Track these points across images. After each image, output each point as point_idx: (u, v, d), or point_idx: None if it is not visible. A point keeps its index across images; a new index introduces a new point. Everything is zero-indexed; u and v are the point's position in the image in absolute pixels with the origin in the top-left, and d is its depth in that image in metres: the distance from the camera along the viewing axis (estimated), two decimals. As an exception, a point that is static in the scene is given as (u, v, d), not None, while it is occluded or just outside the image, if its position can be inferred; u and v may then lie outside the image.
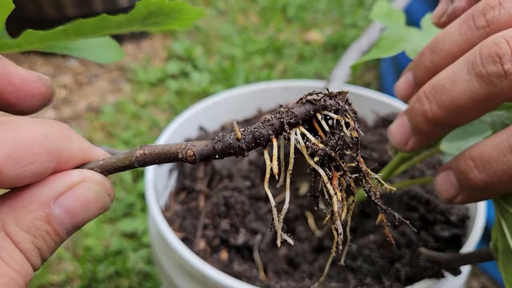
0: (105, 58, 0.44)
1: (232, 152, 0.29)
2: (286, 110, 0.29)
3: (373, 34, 0.83)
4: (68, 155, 0.27)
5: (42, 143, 0.25)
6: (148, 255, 1.05)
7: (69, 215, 0.27)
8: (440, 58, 0.38)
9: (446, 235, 0.61)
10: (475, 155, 0.36)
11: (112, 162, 0.29)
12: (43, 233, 0.26)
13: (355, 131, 0.29)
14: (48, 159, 0.26)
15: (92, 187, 0.28)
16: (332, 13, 2.16)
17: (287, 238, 0.30)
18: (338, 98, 0.29)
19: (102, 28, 0.35)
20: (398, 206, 0.66)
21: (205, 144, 0.29)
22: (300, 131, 0.29)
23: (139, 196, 1.19)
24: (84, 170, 0.28)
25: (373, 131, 0.81)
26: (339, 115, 0.29)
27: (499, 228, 0.39)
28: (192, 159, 0.29)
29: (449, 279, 0.55)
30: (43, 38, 0.35)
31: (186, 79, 1.66)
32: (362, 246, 0.61)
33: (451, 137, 0.48)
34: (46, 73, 1.67)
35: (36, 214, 0.26)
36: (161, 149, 0.29)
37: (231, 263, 0.62)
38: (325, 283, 0.59)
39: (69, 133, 0.28)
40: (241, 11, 2.14)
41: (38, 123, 0.26)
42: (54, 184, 0.27)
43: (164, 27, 0.37)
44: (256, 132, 0.29)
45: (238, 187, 0.70)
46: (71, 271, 1.02)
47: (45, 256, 0.27)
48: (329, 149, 0.28)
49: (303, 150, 0.29)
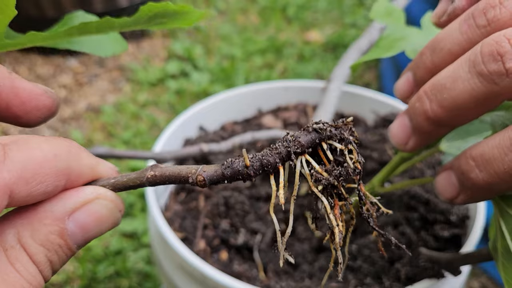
0: (107, 50, 0.44)
1: (240, 178, 0.31)
2: (293, 139, 0.31)
3: (373, 34, 0.83)
4: (78, 172, 0.28)
5: (52, 162, 0.26)
6: (148, 255, 1.05)
7: (82, 230, 0.28)
8: (440, 58, 0.38)
9: (446, 235, 0.61)
10: (476, 154, 0.35)
11: (124, 181, 0.31)
12: (56, 246, 0.27)
13: (358, 163, 0.31)
14: (58, 177, 0.26)
15: (106, 204, 0.29)
16: (332, 13, 2.16)
17: (290, 258, 0.32)
18: (343, 128, 0.31)
19: (105, 28, 0.35)
20: (398, 206, 0.66)
21: (215, 170, 0.30)
22: (305, 159, 0.30)
23: (139, 196, 1.19)
24: (98, 187, 0.29)
25: (373, 131, 0.81)
26: (343, 146, 0.30)
27: (499, 229, 0.38)
28: (202, 183, 0.30)
29: (449, 279, 0.55)
30: (47, 37, 0.35)
31: (186, 79, 1.66)
32: (362, 246, 0.61)
33: (451, 136, 0.48)
34: (46, 73, 1.67)
35: (51, 229, 0.27)
36: (171, 171, 0.31)
37: (231, 263, 0.62)
38: (325, 282, 0.59)
39: (78, 151, 0.28)
40: (241, 11, 2.14)
41: (48, 142, 0.26)
42: (69, 200, 0.27)
43: (165, 27, 0.37)
44: (264, 160, 0.30)
45: (238, 187, 0.70)
46: (71, 271, 1.02)
47: (56, 268, 0.28)
48: (333, 179, 0.30)
49: (308, 178, 0.30)
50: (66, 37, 0.35)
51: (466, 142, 0.48)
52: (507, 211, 0.37)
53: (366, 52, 0.83)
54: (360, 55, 0.83)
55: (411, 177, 0.70)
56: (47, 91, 0.31)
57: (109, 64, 1.75)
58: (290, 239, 0.66)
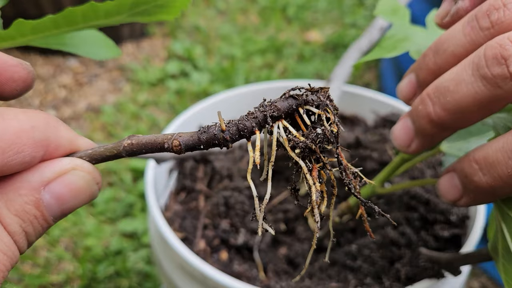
0: (100, 54, 0.44)
1: (217, 143, 0.30)
2: (270, 104, 0.30)
3: (373, 34, 0.83)
4: (56, 144, 0.28)
5: (29, 133, 0.26)
6: (148, 255, 1.05)
7: (58, 201, 0.28)
8: (443, 60, 0.37)
9: (446, 235, 0.61)
10: (479, 157, 0.35)
11: (100, 152, 0.30)
12: (32, 217, 0.27)
13: (335, 125, 0.30)
14: (35, 148, 0.26)
15: (82, 175, 0.29)
16: (332, 13, 2.16)
17: (268, 228, 0.31)
18: (320, 93, 0.31)
19: (91, 17, 0.35)
20: (398, 206, 0.66)
21: (191, 135, 0.30)
22: (282, 125, 0.30)
23: (139, 196, 1.19)
24: (74, 158, 0.29)
25: (373, 131, 0.81)
26: (320, 110, 0.30)
27: (500, 231, 0.38)
28: (178, 149, 0.30)
29: (449, 279, 0.55)
30: (34, 28, 0.35)
31: (186, 79, 1.66)
32: (362, 246, 0.61)
33: (452, 137, 0.48)
34: (46, 73, 1.67)
35: (26, 199, 0.26)
36: (148, 139, 0.30)
37: (231, 263, 0.62)
38: (325, 283, 0.59)
39: (56, 123, 0.28)
40: (241, 11, 2.14)
41: (25, 113, 0.26)
42: (44, 170, 0.27)
43: (152, 17, 0.37)
44: (240, 124, 0.30)
45: (238, 187, 0.70)
46: (71, 271, 1.02)
47: (31, 240, 0.27)
48: (310, 142, 0.30)
49: (285, 143, 0.30)
50: (54, 29, 0.35)
51: (468, 143, 0.47)
52: (509, 214, 0.37)
53: (366, 52, 0.83)
54: (360, 55, 0.83)
55: (411, 177, 0.70)
56: (22, 63, 0.30)
57: (109, 64, 1.75)
58: (290, 239, 0.66)
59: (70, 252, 1.07)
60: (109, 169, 1.27)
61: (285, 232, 0.67)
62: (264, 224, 0.31)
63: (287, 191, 0.71)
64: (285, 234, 0.67)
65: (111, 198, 1.19)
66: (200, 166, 0.75)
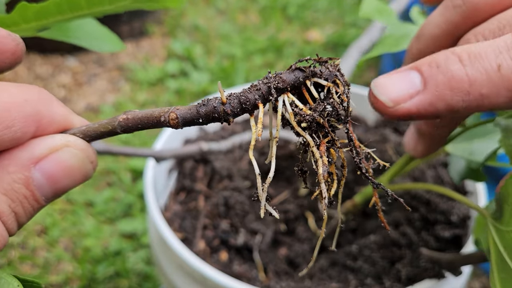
0: (104, 47, 0.44)
1: (217, 117, 0.28)
2: (274, 76, 0.28)
3: (373, 34, 0.83)
4: (49, 120, 0.26)
5: (21, 107, 0.24)
6: (148, 256, 1.04)
7: (49, 180, 0.26)
8: (424, 43, 0.38)
9: (447, 235, 0.61)
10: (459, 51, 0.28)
11: (95, 128, 0.28)
12: (21, 197, 0.25)
13: (345, 96, 0.28)
14: (27, 123, 0.25)
15: (75, 153, 0.27)
16: (332, 12, 2.16)
17: (272, 211, 0.29)
18: (329, 65, 0.28)
19: (95, 2, 0.35)
20: (398, 206, 0.66)
21: (189, 108, 0.28)
22: (288, 98, 0.28)
23: (139, 196, 1.19)
24: (67, 135, 0.27)
25: (374, 130, 0.81)
26: (329, 82, 0.28)
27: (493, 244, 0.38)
28: (175, 122, 0.28)
29: (450, 279, 0.55)
30: (38, 13, 0.34)
31: (186, 79, 1.66)
32: (363, 247, 0.61)
33: (457, 139, 0.48)
34: (45, 73, 1.67)
35: (15, 176, 0.25)
36: (144, 113, 0.29)
37: (231, 263, 0.62)
38: (326, 283, 0.59)
39: (49, 98, 0.27)
40: (241, 10, 2.13)
41: (17, 87, 0.25)
42: (35, 147, 0.26)
43: (156, 3, 0.37)
44: (242, 96, 0.28)
45: (238, 187, 0.70)
46: (71, 272, 1.02)
47: (22, 221, 0.26)
48: (317, 115, 0.27)
49: (290, 117, 0.28)
50: (58, 14, 0.35)
51: (472, 144, 0.47)
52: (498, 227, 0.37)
53: (366, 51, 0.83)
54: (361, 55, 0.83)
55: (411, 178, 0.70)
56: (11, 34, 0.29)
57: (108, 64, 1.74)
58: (290, 239, 0.66)
59: (69, 253, 1.06)
60: (108, 169, 1.26)
61: (285, 232, 0.67)
62: (267, 205, 0.29)
63: (287, 191, 0.71)
64: (285, 235, 0.67)
65: (111, 198, 1.18)
66: (200, 166, 0.74)
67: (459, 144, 0.48)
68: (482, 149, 0.48)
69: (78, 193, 1.18)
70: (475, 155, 0.48)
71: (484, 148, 0.48)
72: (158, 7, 0.38)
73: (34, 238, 1.08)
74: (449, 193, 0.48)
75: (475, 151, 0.48)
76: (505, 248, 0.36)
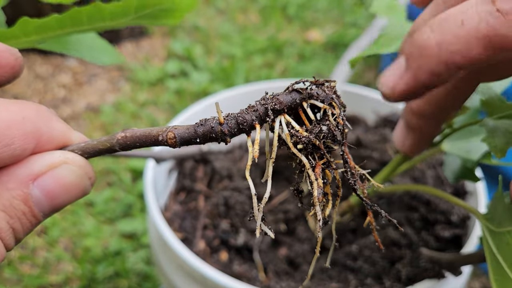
0: (103, 60, 0.44)
1: (214, 137, 0.28)
2: (272, 97, 0.28)
3: (374, 33, 0.83)
4: (48, 137, 0.27)
5: (20, 124, 0.25)
6: (148, 256, 1.04)
7: (47, 197, 0.26)
8: None
9: (447, 235, 0.61)
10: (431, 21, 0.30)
11: (94, 145, 0.29)
12: (20, 213, 0.25)
13: (341, 119, 0.28)
14: (26, 140, 0.25)
15: (74, 170, 0.27)
16: (332, 12, 2.16)
17: (267, 230, 0.30)
18: (326, 87, 0.29)
19: (96, 18, 0.35)
20: (398, 206, 0.65)
21: (187, 127, 0.29)
22: (285, 119, 0.28)
23: (138, 196, 1.19)
24: (66, 151, 0.28)
25: (374, 130, 0.81)
26: (325, 104, 0.28)
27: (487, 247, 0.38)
28: (173, 141, 0.28)
29: (450, 279, 0.55)
30: (39, 27, 0.34)
31: (186, 79, 1.66)
32: (363, 247, 0.61)
33: (454, 137, 0.48)
34: (45, 73, 1.67)
35: (14, 193, 0.25)
36: (142, 132, 0.29)
37: (231, 263, 0.62)
38: (326, 283, 0.59)
39: (48, 115, 0.27)
40: (241, 10, 2.13)
41: (16, 104, 0.25)
42: (34, 164, 0.26)
43: (156, 21, 0.37)
44: (240, 117, 0.28)
45: (238, 187, 0.70)
46: (70, 272, 1.02)
47: (19, 237, 0.26)
48: (313, 137, 0.28)
49: (286, 138, 0.28)
50: (59, 29, 0.35)
51: (468, 143, 0.47)
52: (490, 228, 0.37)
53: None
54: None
55: (411, 178, 0.70)
56: (10, 49, 0.29)
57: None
58: (290, 239, 0.66)
59: (69, 253, 1.06)
60: (108, 169, 1.26)
61: (285, 232, 0.67)
62: (263, 225, 0.29)
63: (288, 191, 0.71)
64: (286, 235, 0.67)
65: (110, 198, 1.18)
66: (200, 166, 0.74)
67: (456, 142, 0.48)
68: (480, 148, 0.48)
69: (78, 193, 1.18)
70: (471, 154, 0.48)
71: (481, 147, 0.48)
72: (158, 24, 0.38)
73: (34, 238, 1.08)
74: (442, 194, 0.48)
75: (472, 149, 0.48)
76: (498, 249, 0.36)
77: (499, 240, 0.36)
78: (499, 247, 0.36)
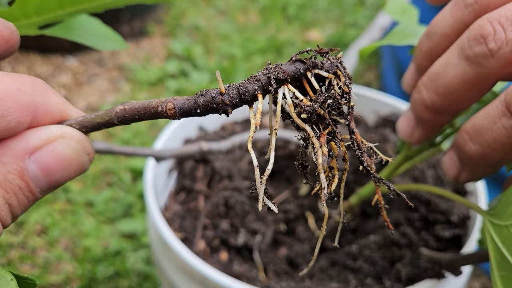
0: (106, 45, 0.44)
1: (215, 108, 0.27)
2: (275, 67, 0.28)
3: (374, 33, 0.83)
4: (44, 110, 0.26)
5: (15, 96, 0.24)
6: (148, 256, 1.04)
7: (44, 172, 0.26)
8: (435, 42, 0.38)
9: (447, 235, 0.61)
10: (468, 127, 0.36)
11: (91, 118, 0.28)
12: (16, 188, 0.25)
13: (347, 87, 0.27)
14: (21, 113, 0.24)
15: (71, 144, 0.27)
16: (332, 12, 2.16)
17: (271, 205, 0.28)
18: (330, 55, 0.28)
19: None
20: (398, 206, 0.65)
21: (187, 98, 0.28)
22: (288, 89, 0.27)
23: (139, 196, 1.19)
24: (63, 125, 0.27)
25: (374, 130, 0.81)
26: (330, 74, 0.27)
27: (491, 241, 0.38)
28: (172, 112, 0.28)
29: (450, 279, 0.55)
30: (39, 7, 0.34)
31: (186, 79, 1.66)
32: (363, 247, 0.61)
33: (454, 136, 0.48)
34: (45, 73, 1.67)
35: (9, 167, 0.24)
36: (141, 104, 0.28)
37: (231, 263, 0.62)
38: (326, 283, 0.59)
39: (44, 88, 0.26)
40: (241, 10, 2.13)
41: (11, 76, 0.25)
42: (30, 138, 0.25)
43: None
44: (241, 87, 0.27)
45: (238, 187, 0.70)
46: (70, 272, 1.02)
47: (16, 213, 0.26)
48: (318, 106, 0.27)
49: (290, 109, 0.27)
50: (59, 9, 0.34)
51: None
52: (495, 223, 0.37)
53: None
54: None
55: (412, 178, 0.70)
56: (4, 22, 0.28)
57: (108, 64, 1.74)
58: (290, 239, 0.66)
59: (69, 253, 1.06)
60: (108, 169, 1.26)
61: (285, 232, 0.67)
62: (265, 199, 0.28)
63: (288, 191, 0.71)
64: (285, 235, 0.67)
65: (110, 198, 1.18)
66: (200, 166, 0.74)
67: None
68: None
69: (78, 193, 1.19)
70: None
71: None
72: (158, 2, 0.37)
73: (34, 238, 1.08)
74: (443, 192, 0.48)
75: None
76: (503, 243, 0.36)
77: (504, 233, 0.36)
78: (505, 240, 0.36)
